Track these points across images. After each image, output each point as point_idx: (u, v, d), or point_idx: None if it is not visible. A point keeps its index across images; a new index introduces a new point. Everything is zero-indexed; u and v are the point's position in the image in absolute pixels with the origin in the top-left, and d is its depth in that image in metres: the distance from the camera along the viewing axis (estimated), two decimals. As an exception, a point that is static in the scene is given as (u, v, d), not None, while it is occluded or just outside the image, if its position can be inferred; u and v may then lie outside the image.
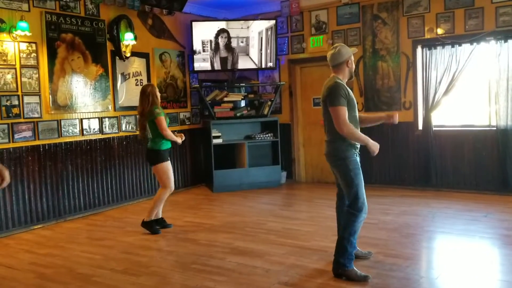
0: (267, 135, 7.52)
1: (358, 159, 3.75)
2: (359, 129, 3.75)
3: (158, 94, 5.19)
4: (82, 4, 6.03)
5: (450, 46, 6.44)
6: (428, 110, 6.61)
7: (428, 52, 6.61)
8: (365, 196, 3.73)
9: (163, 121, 5.07)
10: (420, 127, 6.75)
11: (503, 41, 6.11)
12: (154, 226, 5.18)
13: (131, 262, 4.23)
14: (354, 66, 3.82)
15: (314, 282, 3.58)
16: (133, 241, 4.90)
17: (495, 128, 6.25)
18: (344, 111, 3.53)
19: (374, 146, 3.68)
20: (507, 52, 6.09)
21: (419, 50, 6.71)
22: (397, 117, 3.90)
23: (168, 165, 5.15)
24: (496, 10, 6.14)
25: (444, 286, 3.47)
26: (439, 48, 6.53)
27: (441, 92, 6.51)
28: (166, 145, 5.17)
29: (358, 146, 3.73)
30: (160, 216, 5.34)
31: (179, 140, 5.27)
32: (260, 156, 7.56)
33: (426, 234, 4.68)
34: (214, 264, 4.08)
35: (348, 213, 3.70)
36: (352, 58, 3.75)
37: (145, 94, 5.10)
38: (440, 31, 6.50)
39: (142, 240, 4.90)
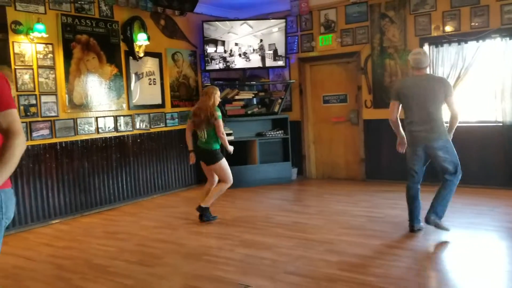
0: (277, 132, 7.67)
1: None
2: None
3: (219, 97, 5.42)
4: (96, 6, 6.24)
5: (456, 44, 6.53)
6: (435, 106, 6.69)
7: (435, 49, 6.70)
8: None
9: (221, 124, 5.29)
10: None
11: (508, 38, 6.18)
12: (209, 212, 5.40)
13: (144, 254, 4.42)
14: None
15: (319, 272, 3.73)
16: (147, 234, 5.09)
17: (501, 124, 6.32)
18: None
19: None
20: (513, 49, 6.17)
21: (426, 47, 6.80)
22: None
23: (225, 162, 5.41)
24: (501, 8, 6.21)
25: (445, 277, 3.59)
26: (445, 45, 6.62)
27: (448, 89, 6.59)
28: (218, 146, 5.41)
29: None
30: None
31: (230, 148, 5.48)
32: (271, 153, 7.71)
33: (430, 227, 4.78)
34: (223, 255, 4.25)
35: (454, 181, 4.60)
36: None
37: (209, 94, 5.30)
38: (446, 29, 6.59)
39: (156, 234, 5.09)
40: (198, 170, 7.70)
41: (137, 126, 6.79)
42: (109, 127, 6.42)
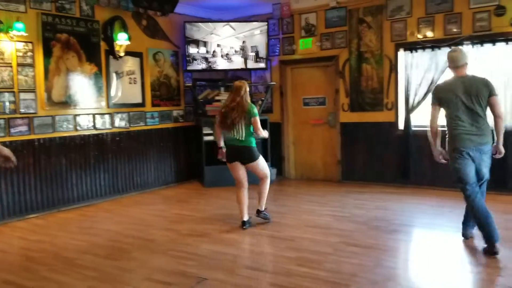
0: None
1: None
2: None
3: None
4: (77, 5, 6.36)
5: (430, 50, 6.68)
6: (408, 111, 6.86)
7: (409, 55, 6.86)
8: None
9: (259, 121, 5.08)
10: (401, 127, 7.00)
11: (479, 45, 6.35)
12: (266, 212, 5.32)
13: (114, 249, 4.54)
14: None
15: (277, 267, 3.88)
16: (119, 230, 5.22)
17: (471, 129, 6.47)
18: None
19: None
20: (483, 56, 6.32)
21: (401, 53, 6.96)
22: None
23: (262, 158, 5.26)
24: (473, 16, 6.37)
25: (397, 274, 3.73)
26: (420, 51, 6.78)
27: (421, 94, 6.76)
28: (255, 143, 5.23)
29: None
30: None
31: (266, 135, 5.30)
32: (249, 153, 7.82)
33: (392, 227, 4.94)
34: (189, 251, 4.39)
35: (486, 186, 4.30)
36: None
37: (241, 90, 5.01)
38: (421, 35, 6.75)
39: (128, 230, 5.21)
40: (177, 169, 7.85)
41: (116, 125, 6.91)
42: (87, 125, 6.54)
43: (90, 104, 6.55)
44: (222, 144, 5.27)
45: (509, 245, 4.18)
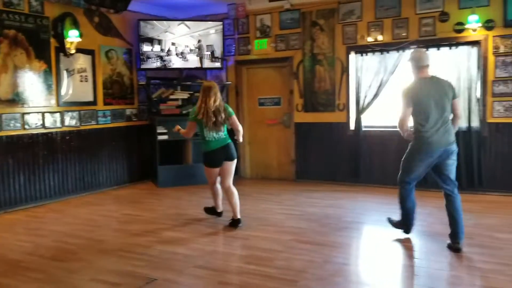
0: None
1: None
2: None
3: None
4: (26, 1, 6.18)
5: (379, 53, 6.90)
6: (359, 112, 7.06)
7: (360, 58, 7.06)
8: None
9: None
10: (352, 127, 7.19)
11: (425, 49, 6.57)
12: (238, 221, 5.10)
13: (60, 250, 4.45)
14: None
15: (227, 265, 3.92)
16: (67, 231, 5.11)
17: (418, 130, 6.73)
18: None
19: None
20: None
21: (352, 55, 7.15)
22: None
23: None
24: (419, 21, 6.63)
25: (345, 269, 3.85)
26: (370, 54, 6.98)
27: (371, 95, 6.97)
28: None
29: None
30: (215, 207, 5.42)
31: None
32: (204, 153, 7.82)
33: (342, 224, 5.08)
34: (139, 251, 4.35)
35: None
36: None
37: (213, 90, 4.96)
38: (370, 38, 6.95)
39: (76, 230, 5.11)
40: (130, 169, 7.75)
41: (67, 123, 6.76)
42: (36, 124, 6.36)
43: (39, 102, 6.37)
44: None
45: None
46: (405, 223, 4.57)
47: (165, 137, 7.48)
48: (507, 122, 6.30)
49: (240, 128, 5.22)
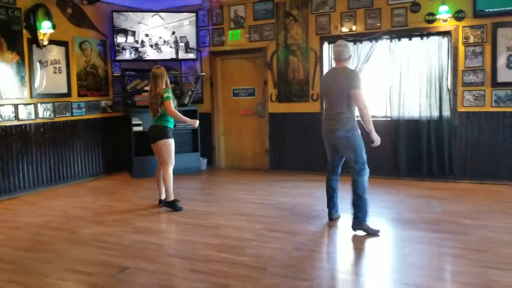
0: (187, 124, 7.82)
1: None
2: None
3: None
4: (-4, -8, 6.11)
5: (352, 43, 6.99)
6: (333, 101, 7.15)
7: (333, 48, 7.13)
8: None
9: (171, 104, 5.30)
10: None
11: (397, 39, 6.74)
12: (176, 203, 5.41)
13: (34, 241, 4.47)
14: None
15: (198, 254, 3.98)
16: (41, 222, 5.12)
17: (389, 119, 6.89)
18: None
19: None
20: (400, 50, 6.72)
21: (325, 46, 7.24)
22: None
23: (172, 142, 5.43)
24: (391, 11, 6.75)
25: (313, 256, 3.95)
26: (343, 44, 7.06)
27: (344, 85, 7.06)
28: (171, 124, 5.47)
29: None
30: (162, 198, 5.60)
31: (188, 121, 5.52)
32: (180, 144, 7.81)
33: (313, 213, 5.19)
34: (112, 241, 4.40)
35: (354, 177, 4.56)
36: None
37: (160, 76, 5.30)
38: (343, 29, 7.05)
39: (50, 222, 5.12)
40: (105, 160, 7.75)
41: (41, 115, 6.72)
42: (9, 116, 6.31)
43: (12, 94, 6.32)
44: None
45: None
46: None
47: (140, 128, 7.49)
48: (476, 111, 6.48)
49: (176, 114, 5.37)
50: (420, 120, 6.71)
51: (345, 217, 5.12)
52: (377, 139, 4.61)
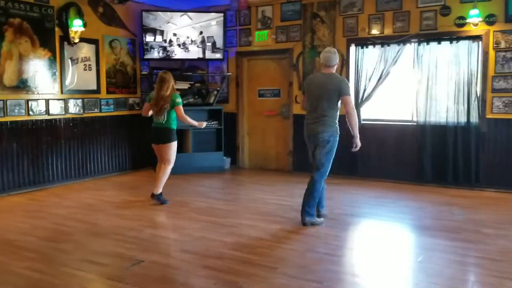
0: (212, 123, 7.94)
1: None
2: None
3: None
4: (31, -10, 6.35)
5: (379, 46, 6.93)
6: (358, 104, 7.10)
7: (360, 50, 7.10)
8: None
9: (182, 109, 5.61)
10: (351, 120, 7.22)
11: (425, 43, 6.63)
12: (162, 197, 5.68)
13: (56, 231, 4.63)
14: None
15: (211, 251, 4.04)
16: (65, 214, 5.29)
17: (415, 124, 6.78)
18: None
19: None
20: (429, 54, 6.61)
21: (352, 48, 7.19)
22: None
23: (176, 143, 5.73)
24: (420, 14, 6.64)
25: (325, 258, 3.94)
26: (370, 47, 7.02)
27: (370, 88, 7.01)
28: (176, 126, 5.74)
29: None
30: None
31: (195, 124, 5.82)
32: (204, 142, 8.00)
33: (331, 216, 5.16)
34: (131, 235, 4.51)
35: (314, 178, 4.83)
36: None
37: (168, 81, 5.54)
38: (372, 31, 6.98)
39: (74, 214, 5.29)
40: (132, 156, 7.93)
41: (70, 111, 6.93)
42: (40, 110, 6.54)
43: (43, 89, 6.55)
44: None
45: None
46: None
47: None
48: (506, 118, 6.30)
49: (186, 118, 5.65)
50: (447, 125, 6.58)
51: (363, 222, 5.09)
52: (359, 144, 4.84)
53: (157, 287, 3.31)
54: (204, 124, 5.99)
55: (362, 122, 7.13)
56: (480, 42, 6.36)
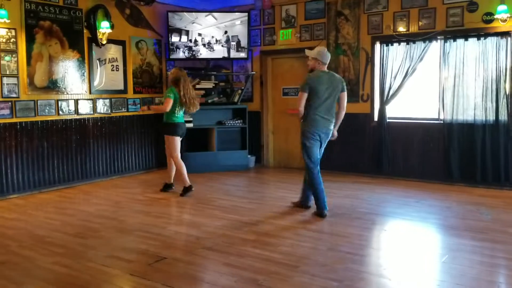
0: (236, 122, 8.00)
1: None
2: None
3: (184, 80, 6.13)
4: (61, -6, 6.53)
5: (405, 43, 6.85)
6: (383, 103, 7.05)
7: (385, 48, 7.03)
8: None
9: (167, 102, 6.08)
10: (376, 118, 7.18)
11: (452, 40, 6.52)
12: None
13: (84, 228, 4.76)
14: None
15: (233, 248, 4.09)
16: (93, 211, 5.43)
17: (442, 122, 6.68)
18: None
19: None
20: (455, 51, 6.50)
21: (377, 46, 7.13)
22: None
23: (172, 138, 6.31)
24: (446, 11, 6.53)
25: (347, 258, 3.94)
26: (395, 44, 6.94)
27: (395, 86, 6.94)
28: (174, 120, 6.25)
29: None
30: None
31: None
32: (229, 141, 8.06)
33: (355, 215, 5.15)
34: (154, 231, 4.60)
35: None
36: None
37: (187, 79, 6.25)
38: (397, 28, 6.91)
39: (101, 211, 5.43)
40: (158, 155, 8.06)
41: (99, 110, 7.10)
42: (69, 110, 6.72)
43: (72, 89, 6.73)
44: None
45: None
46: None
47: (190, 125, 7.71)
48: (536, 116, 6.15)
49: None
50: (475, 124, 6.46)
51: (387, 221, 5.06)
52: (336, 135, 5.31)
53: (179, 284, 3.37)
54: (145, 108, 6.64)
55: (388, 120, 7.08)
56: (509, 38, 6.21)
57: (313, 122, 5.02)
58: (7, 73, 6.02)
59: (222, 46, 8.00)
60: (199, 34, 7.90)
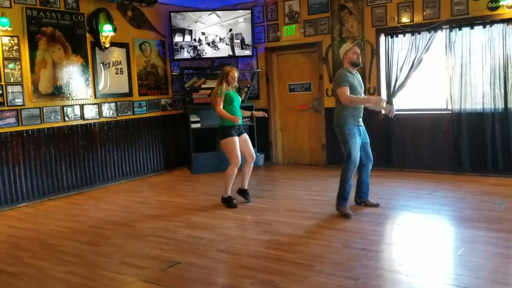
0: (244, 120, 7.93)
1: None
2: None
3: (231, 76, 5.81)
4: (62, -1, 6.50)
5: (410, 34, 6.76)
6: (390, 95, 6.97)
7: (390, 40, 6.95)
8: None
9: (217, 100, 5.62)
10: (383, 111, 7.09)
11: (457, 29, 6.43)
12: (230, 201, 5.57)
13: (95, 235, 4.74)
14: (355, 57, 5.24)
15: (247, 250, 4.06)
16: (104, 217, 5.41)
17: (450, 112, 6.60)
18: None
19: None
20: (461, 40, 6.41)
21: (382, 38, 7.05)
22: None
23: (229, 141, 5.63)
24: (451, 0, 6.43)
25: (362, 254, 3.89)
26: (400, 36, 6.86)
27: (402, 78, 6.87)
28: (228, 122, 5.61)
29: None
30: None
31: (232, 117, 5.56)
32: (237, 140, 7.98)
33: (367, 210, 5.09)
34: (167, 235, 4.58)
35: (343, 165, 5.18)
36: (349, 52, 5.23)
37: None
38: (401, 20, 6.82)
39: (112, 216, 5.41)
40: (166, 157, 8.03)
41: (104, 114, 7.08)
42: (75, 116, 6.71)
43: (77, 95, 6.71)
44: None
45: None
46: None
47: (198, 125, 7.69)
48: (545, 102, 6.06)
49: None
50: (484, 112, 6.38)
51: (400, 215, 5.00)
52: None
53: (194, 288, 3.35)
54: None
55: (396, 112, 6.99)
56: (516, 24, 6.11)
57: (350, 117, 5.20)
58: (12, 81, 6.00)
59: (226, 44, 7.95)
60: (203, 33, 7.85)
